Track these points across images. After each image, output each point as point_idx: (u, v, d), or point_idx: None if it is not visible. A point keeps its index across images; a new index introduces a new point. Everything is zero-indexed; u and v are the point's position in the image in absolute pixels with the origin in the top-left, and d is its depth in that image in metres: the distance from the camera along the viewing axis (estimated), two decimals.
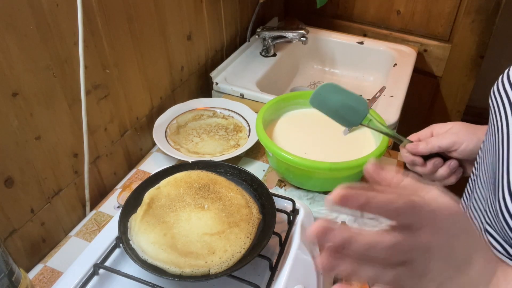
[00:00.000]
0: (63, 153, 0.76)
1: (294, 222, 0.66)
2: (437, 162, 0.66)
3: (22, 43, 0.63)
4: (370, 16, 1.54)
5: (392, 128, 1.06)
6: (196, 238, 0.59)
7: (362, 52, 1.44)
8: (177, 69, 1.06)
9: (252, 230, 0.61)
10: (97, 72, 0.80)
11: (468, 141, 0.63)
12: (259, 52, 1.33)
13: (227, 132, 1.02)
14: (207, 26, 1.13)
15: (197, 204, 0.64)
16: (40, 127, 0.70)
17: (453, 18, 1.42)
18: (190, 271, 0.55)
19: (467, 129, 0.65)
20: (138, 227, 0.60)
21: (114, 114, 0.87)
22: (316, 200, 0.85)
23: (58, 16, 0.68)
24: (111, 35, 0.81)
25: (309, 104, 0.74)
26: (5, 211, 0.67)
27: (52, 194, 0.76)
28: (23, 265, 0.71)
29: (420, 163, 0.67)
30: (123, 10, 0.82)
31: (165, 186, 0.66)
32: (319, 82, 1.43)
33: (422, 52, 1.49)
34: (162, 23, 0.95)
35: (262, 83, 1.21)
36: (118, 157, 0.92)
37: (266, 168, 0.96)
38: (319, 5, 1.30)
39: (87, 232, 0.81)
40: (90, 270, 0.59)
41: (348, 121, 0.72)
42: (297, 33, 1.28)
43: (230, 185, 0.67)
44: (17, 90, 0.64)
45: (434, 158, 0.66)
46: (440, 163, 0.66)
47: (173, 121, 1.03)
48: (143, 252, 0.57)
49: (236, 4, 1.26)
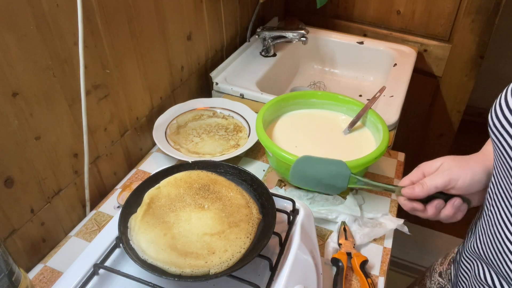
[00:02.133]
0: (63, 153, 0.76)
1: (294, 222, 0.66)
2: (438, 204, 0.62)
3: (22, 43, 0.63)
4: (370, 16, 1.54)
5: (392, 128, 1.06)
6: (196, 238, 0.59)
7: (362, 52, 1.44)
8: (177, 69, 1.06)
9: (252, 230, 0.61)
10: (97, 72, 0.80)
11: (463, 176, 0.60)
12: (259, 52, 1.33)
13: (227, 132, 1.02)
14: (207, 26, 1.13)
15: (197, 204, 0.64)
16: (40, 127, 0.70)
17: (453, 18, 1.42)
18: (190, 271, 0.55)
19: (459, 163, 0.62)
20: (138, 227, 0.60)
21: (114, 114, 0.87)
22: (316, 200, 0.85)
23: (58, 16, 0.68)
24: (111, 35, 0.81)
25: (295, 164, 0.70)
26: (5, 211, 0.67)
27: (52, 194, 0.76)
28: (23, 265, 0.71)
29: (420, 209, 0.63)
30: (123, 10, 0.82)
31: (165, 186, 0.66)
32: (319, 82, 1.43)
33: (422, 52, 1.49)
34: (162, 23, 0.95)
35: (262, 83, 1.21)
36: (118, 157, 0.92)
37: (266, 168, 0.96)
38: (319, 5, 1.31)
39: (87, 232, 0.81)
40: (90, 270, 0.59)
41: (335, 187, 0.69)
42: (297, 33, 1.28)
43: (230, 185, 0.67)
44: (17, 90, 0.64)
45: (434, 201, 0.62)
46: (441, 204, 0.62)
47: (173, 121, 1.03)
48: (143, 252, 0.57)
49: (236, 4, 1.26)
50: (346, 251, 0.75)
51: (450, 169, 0.61)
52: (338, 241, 0.77)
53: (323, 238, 0.80)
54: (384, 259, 0.76)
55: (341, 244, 0.76)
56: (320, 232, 0.81)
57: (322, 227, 0.82)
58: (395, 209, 0.86)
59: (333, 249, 0.77)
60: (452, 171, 0.61)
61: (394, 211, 0.86)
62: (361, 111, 0.91)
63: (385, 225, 0.80)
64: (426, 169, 0.64)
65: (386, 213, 0.84)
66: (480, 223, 0.61)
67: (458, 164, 0.62)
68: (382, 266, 0.75)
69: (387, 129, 0.86)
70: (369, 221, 0.82)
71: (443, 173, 0.61)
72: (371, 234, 0.78)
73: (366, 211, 0.84)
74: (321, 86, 1.42)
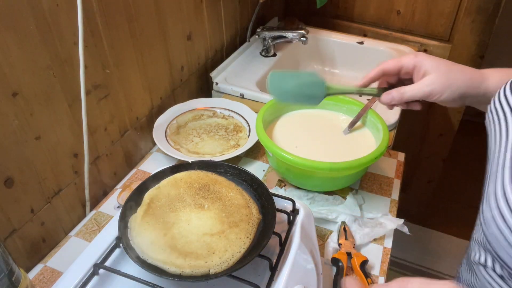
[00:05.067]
0: (63, 153, 0.76)
1: (294, 222, 0.66)
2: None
3: (22, 43, 0.63)
4: (370, 16, 1.54)
5: (392, 128, 1.06)
6: (196, 238, 0.59)
7: (362, 52, 1.44)
8: (177, 69, 1.06)
9: (252, 230, 0.61)
10: (97, 72, 0.80)
11: (447, 95, 0.61)
12: (259, 52, 1.33)
13: (227, 132, 1.02)
14: (207, 26, 1.13)
15: (197, 204, 0.64)
16: (40, 127, 0.70)
17: (453, 18, 1.42)
18: (190, 271, 0.55)
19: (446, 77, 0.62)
20: (138, 227, 0.60)
21: (114, 114, 0.87)
22: (316, 200, 0.85)
23: (58, 16, 0.68)
24: (111, 35, 0.81)
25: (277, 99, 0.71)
26: (5, 211, 0.67)
27: (52, 194, 0.76)
28: (23, 265, 0.71)
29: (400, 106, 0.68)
30: (123, 10, 0.82)
31: (165, 186, 0.66)
32: None
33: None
34: (162, 23, 0.95)
35: (262, 83, 1.21)
36: (118, 157, 0.92)
37: (266, 168, 0.96)
38: (319, 5, 1.31)
39: (87, 232, 0.81)
40: (90, 270, 0.59)
41: (316, 97, 0.69)
42: (297, 33, 1.28)
43: (230, 185, 0.67)
44: (17, 90, 0.64)
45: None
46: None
47: (173, 121, 1.03)
48: (143, 252, 0.57)
49: (236, 4, 1.26)
50: (346, 251, 0.75)
51: (433, 84, 0.61)
52: (338, 241, 0.77)
53: (323, 238, 0.80)
54: (384, 259, 0.76)
55: (341, 244, 0.76)
56: (320, 232, 0.81)
57: (322, 227, 0.82)
58: (395, 209, 0.86)
59: (333, 249, 0.77)
60: (435, 88, 0.61)
61: (394, 211, 0.86)
62: (361, 111, 0.91)
63: (385, 225, 0.80)
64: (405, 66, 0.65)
65: (386, 213, 0.84)
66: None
67: (444, 79, 0.61)
68: (382, 266, 0.75)
69: (387, 129, 0.86)
70: (369, 221, 0.82)
71: (424, 88, 0.62)
72: (371, 234, 0.78)
73: (366, 211, 0.84)
74: None
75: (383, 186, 0.92)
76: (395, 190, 0.91)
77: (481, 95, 0.64)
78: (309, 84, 0.67)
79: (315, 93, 0.66)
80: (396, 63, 0.65)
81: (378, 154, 0.80)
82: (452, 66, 0.63)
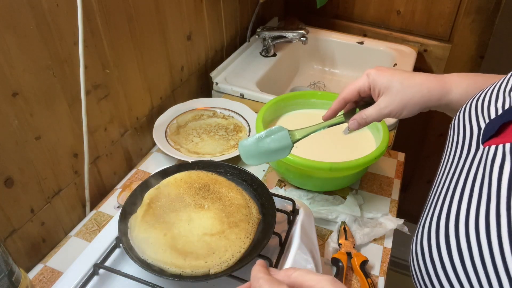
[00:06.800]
0: (63, 153, 0.76)
1: (294, 222, 0.66)
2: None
3: (22, 43, 0.63)
4: (370, 16, 1.54)
5: (392, 128, 1.06)
6: (196, 238, 0.59)
7: (362, 52, 1.44)
8: (177, 69, 1.06)
9: (252, 230, 0.61)
10: (97, 72, 0.80)
11: (406, 110, 0.62)
12: (259, 52, 1.33)
13: (227, 132, 1.02)
14: (207, 26, 1.13)
15: (197, 204, 0.64)
16: (40, 127, 0.70)
17: (453, 18, 1.42)
18: (190, 271, 0.55)
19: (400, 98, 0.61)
20: (138, 227, 0.60)
21: (114, 114, 0.87)
22: (316, 200, 0.85)
23: (58, 16, 0.68)
24: (111, 35, 0.81)
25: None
26: (5, 211, 0.67)
27: (52, 194, 0.76)
28: (23, 265, 0.71)
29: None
30: (123, 10, 0.82)
31: (165, 186, 0.66)
32: (319, 82, 1.43)
33: (422, 52, 1.49)
34: (162, 23, 0.95)
35: (262, 83, 1.21)
36: (118, 157, 0.92)
37: (266, 168, 0.96)
38: (319, 5, 1.31)
39: (87, 232, 0.81)
40: (90, 270, 0.59)
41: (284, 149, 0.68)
42: (297, 33, 1.28)
43: (230, 185, 0.68)
44: (17, 90, 0.64)
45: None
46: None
47: (173, 121, 1.03)
48: (143, 252, 0.57)
49: (236, 4, 1.26)
50: (346, 251, 0.75)
51: (390, 106, 0.62)
52: (338, 241, 0.77)
53: (323, 238, 0.80)
54: (384, 259, 0.76)
55: (341, 244, 0.76)
56: (320, 232, 0.81)
57: (322, 227, 0.82)
58: (395, 209, 0.86)
59: (333, 249, 0.77)
60: (393, 109, 0.62)
61: (394, 211, 0.86)
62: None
63: (385, 225, 0.80)
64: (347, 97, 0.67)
65: (386, 213, 0.84)
66: None
67: (399, 99, 0.61)
68: (382, 266, 0.75)
69: (387, 129, 0.86)
70: (369, 221, 0.82)
71: (382, 110, 0.63)
72: (371, 234, 0.78)
73: (366, 211, 0.84)
74: (321, 86, 1.42)
75: (383, 186, 0.92)
76: (395, 190, 0.91)
77: (443, 106, 0.63)
78: (276, 140, 0.68)
79: (282, 145, 0.67)
80: (353, 90, 0.66)
81: (378, 154, 0.80)
82: (407, 80, 0.61)
